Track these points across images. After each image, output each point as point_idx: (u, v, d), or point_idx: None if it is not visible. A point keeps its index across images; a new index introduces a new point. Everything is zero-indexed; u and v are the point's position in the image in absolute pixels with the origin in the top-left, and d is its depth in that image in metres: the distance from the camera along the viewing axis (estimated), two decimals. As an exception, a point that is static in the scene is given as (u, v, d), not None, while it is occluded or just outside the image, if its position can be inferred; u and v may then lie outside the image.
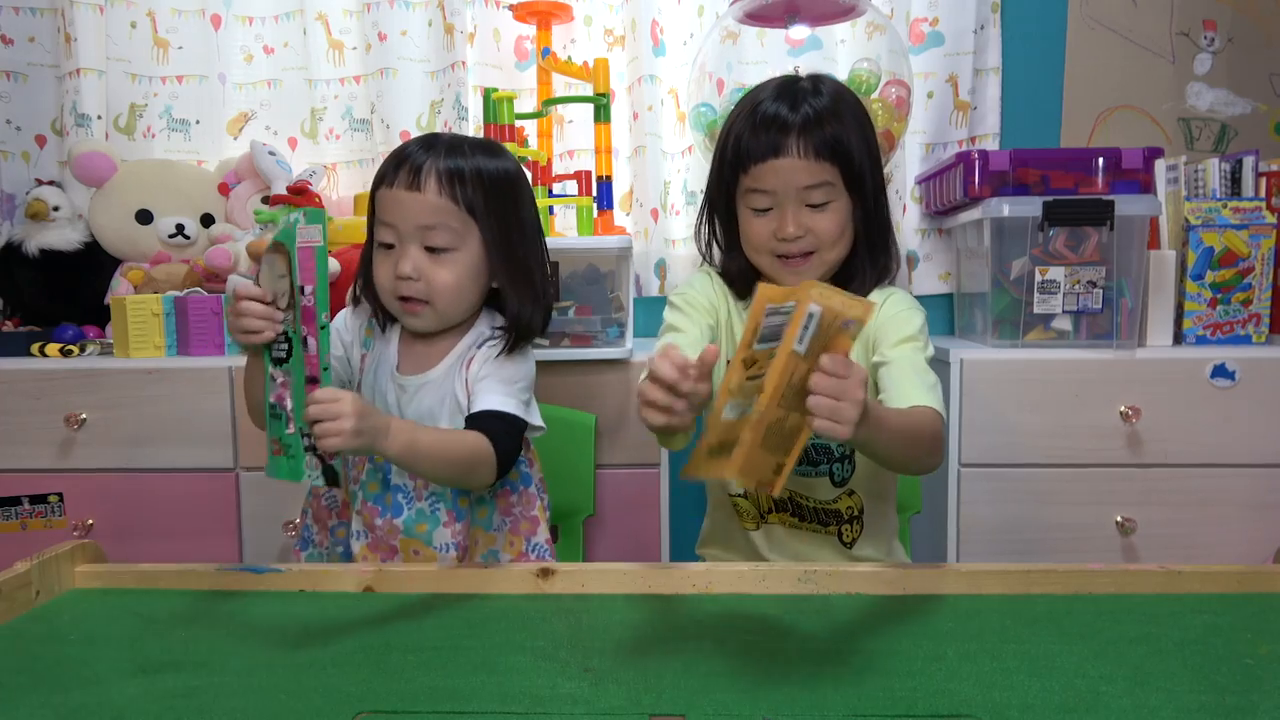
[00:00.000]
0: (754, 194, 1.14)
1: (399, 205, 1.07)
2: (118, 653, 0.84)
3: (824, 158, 1.10)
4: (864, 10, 1.80)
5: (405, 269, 1.07)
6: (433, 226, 1.07)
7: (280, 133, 2.11)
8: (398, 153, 1.10)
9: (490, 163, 1.11)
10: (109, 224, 1.92)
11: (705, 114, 1.84)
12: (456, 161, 1.08)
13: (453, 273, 1.09)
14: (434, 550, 1.13)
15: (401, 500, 1.14)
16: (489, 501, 1.18)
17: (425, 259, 1.08)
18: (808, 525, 1.23)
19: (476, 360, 1.13)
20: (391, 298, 1.11)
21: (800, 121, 1.10)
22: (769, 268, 1.18)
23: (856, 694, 0.73)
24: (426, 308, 1.10)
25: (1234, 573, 0.96)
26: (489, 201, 1.09)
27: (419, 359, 1.16)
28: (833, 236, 1.14)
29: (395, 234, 1.08)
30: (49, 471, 1.60)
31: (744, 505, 1.25)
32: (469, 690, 0.75)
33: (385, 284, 1.10)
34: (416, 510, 1.13)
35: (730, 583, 0.97)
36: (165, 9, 2.04)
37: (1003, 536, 1.56)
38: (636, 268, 2.00)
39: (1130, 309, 1.58)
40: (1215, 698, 0.72)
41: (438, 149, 1.09)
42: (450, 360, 1.14)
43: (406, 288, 1.08)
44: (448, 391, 1.13)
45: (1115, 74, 2.01)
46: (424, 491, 1.14)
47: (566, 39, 2.02)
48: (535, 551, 1.19)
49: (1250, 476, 1.53)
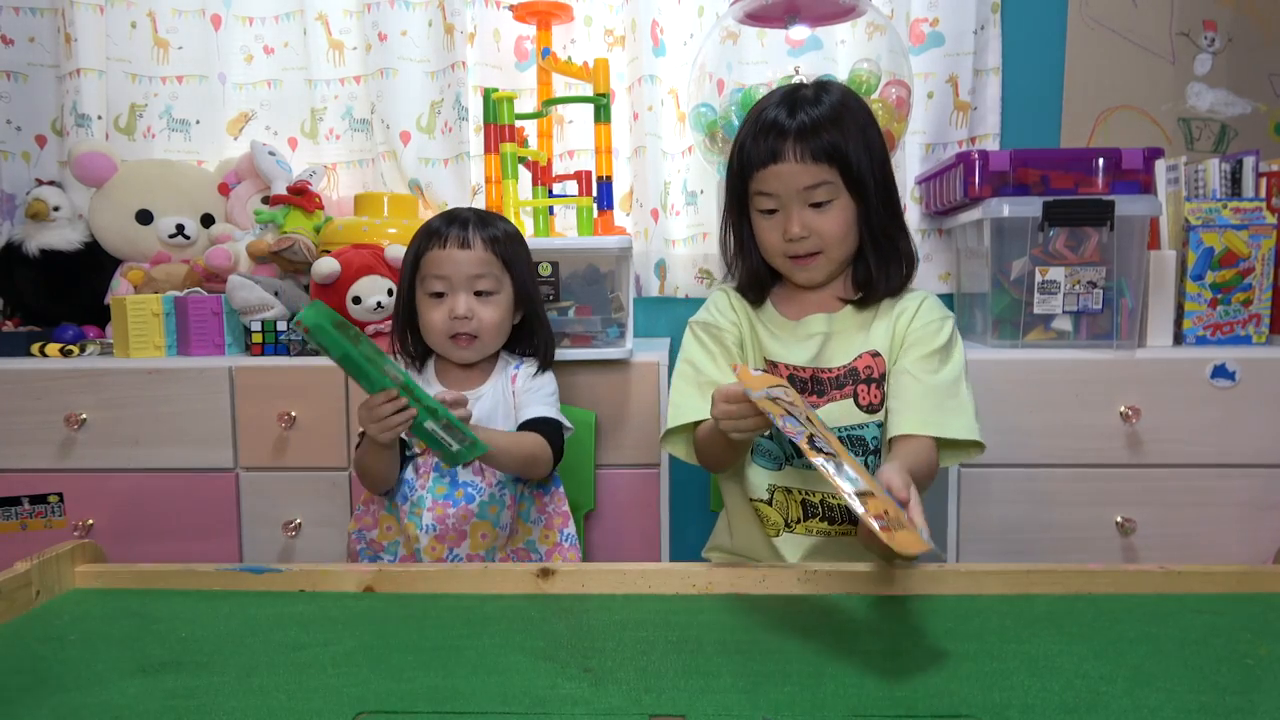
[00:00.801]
0: (760, 197, 1.19)
1: (452, 261, 1.30)
2: (118, 653, 0.84)
3: (820, 160, 1.14)
4: (864, 10, 1.80)
5: (460, 310, 1.30)
6: (482, 275, 1.31)
7: (280, 133, 2.11)
8: (435, 227, 1.33)
9: (507, 228, 1.36)
10: (109, 224, 1.93)
11: (705, 114, 1.84)
12: (491, 229, 1.33)
13: (496, 311, 1.33)
14: (498, 530, 1.32)
15: (473, 491, 1.32)
16: (529, 498, 1.37)
17: (475, 302, 1.31)
18: (838, 527, 1.22)
19: (520, 377, 1.38)
20: (444, 338, 1.32)
21: (796, 128, 1.14)
22: (783, 268, 1.23)
23: (856, 694, 0.73)
24: (475, 341, 1.33)
25: (1234, 573, 0.96)
26: (514, 254, 1.34)
27: (461, 380, 1.37)
28: (837, 236, 1.17)
29: (448, 284, 1.31)
30: (49, 471, 1.60)
31: (767, 512, 1.24)
32: (469, 690, 0.75)
33: (439, 325, 1.31)
34: (489, 494, 1.32)
35: (730, 583, 0.97)
36: (165, 9, 2.04)
37: (1003, 536, 1.56)
38: (636, 268, 2.00)
39: (1130, 309, 1.58)
40: (1215, 698, 0.72)
41: (472, 219, 1.33)
42: (493, 379, 1.38)
43: (461, 326, 1.31)
44: (499, 399, 1.36)
45: (1115, 74, 2.01)
46: (493, 480, 1.33)
47: (566, 39, 2.02)
48: (567, 540, 1.38)
49: (1250, 476, 1.53)
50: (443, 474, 1.32)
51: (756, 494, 1.23)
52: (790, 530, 1.22)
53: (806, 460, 0.86)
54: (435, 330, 1.32)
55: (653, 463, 1.61)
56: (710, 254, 2.04)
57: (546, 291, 1.54)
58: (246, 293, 1.69)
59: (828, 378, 1.20)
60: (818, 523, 1.22)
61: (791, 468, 1.22)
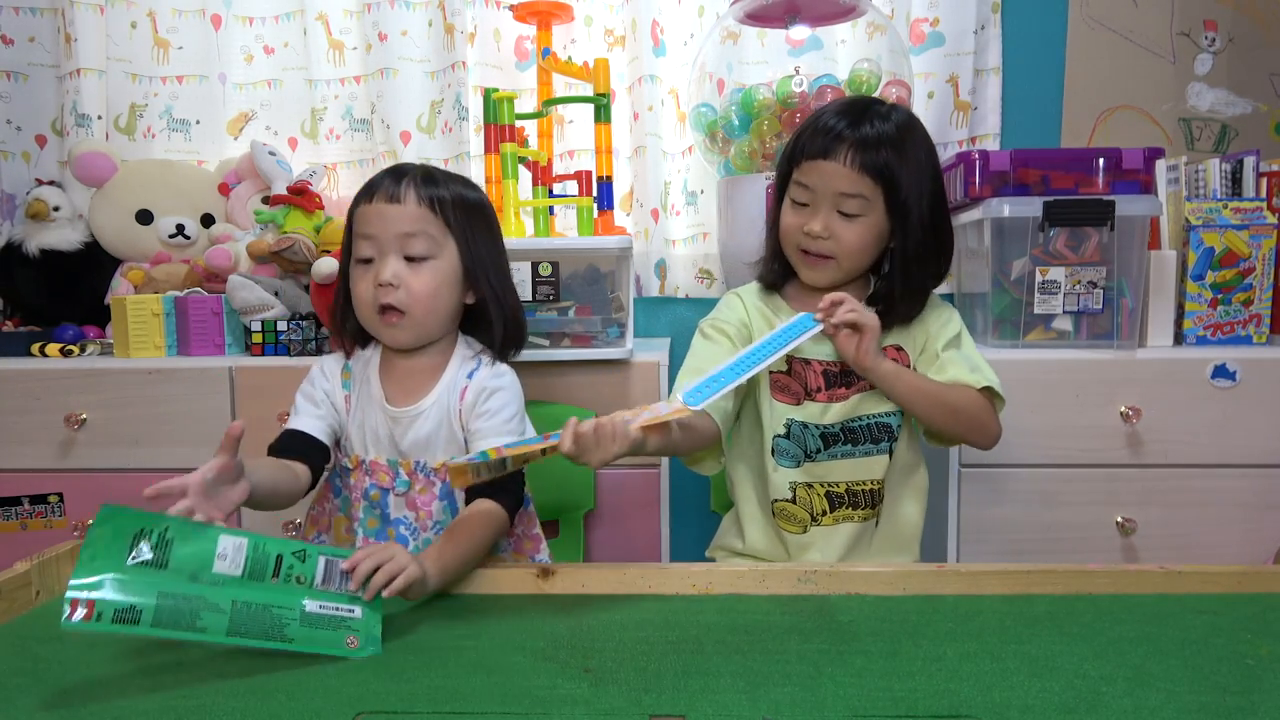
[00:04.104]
0: (797, 186, 1.20)
1: (380, 217, 1.11)
2: (118, 653, 0.84)
3: (867, 174, 1.15)
4: (864, 10, 1.80)
5: (385, 275, 1.10)
6: (412, 234, 1.11)
7: (280, 133, 2.11)
8: (372, 180, 1.15)
9: (464, 189, 1.17)
10: (109, 224, 1.93)
11: (705, 114, 1.84)
12: (434, 185, 1.14)
13: (431, 280, 1.12)
14: None
15: (405, 533, 1.17)
16: None
17: (404, 267, 1.11)
18: (863, 512, 1.23)
19: (470, 391, 1.16)
20: (371, 311, 1.13)
21: (857, 137, 1.15)
22: (792, 257, 1.24)
23: (856, 694, 0.73)
24: (404, 318, 1.13)
25: (1234, 573, 0.96)
26: (465, 219, 1.15)
27: (405, 391, 1.18)
28: (854, 248, 1.19)
29: (375, 245, 1.12)
30: (49, 471, 1.60)
31: (793, 510, 1.23)
32: (469, 690, 0.75)
33: (365, 296, 1.13)
34: (423, 540, 1.16)
35: (730, 583, 0.97)
36: (165, 9, 2.04)
37: (1003, 536, 1.56)
38: (637, 268, 2.00)
39: (1131, 309, 1.58)
40: (1215, 698, 0.72)
41: (413, 172, 1.14)
42: (441, 389, 1.17)
43: (386, 294, 1.11)
44: (442, 419, 1.16)
45: (1115, 74, 2.01)
46: (428, 523, 1.17)
47: (567, 39, 2.02)
48: None
49: (1250, 477, 1.53)
50: (373, 504, 1.18)
51: (779, 494, 1.23)
52: (818, 524, 1.23)
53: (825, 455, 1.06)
54: (362, 303, 1.13)
55: (653, 463, 1.61)
56: (710, 254, 2.04)
57: (546, 291, 1.53)
58: (247, 293, 1.69)
59: None
60: (845, 510, 1.23)
61: (811, 463, 1.22)
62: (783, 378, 1.23)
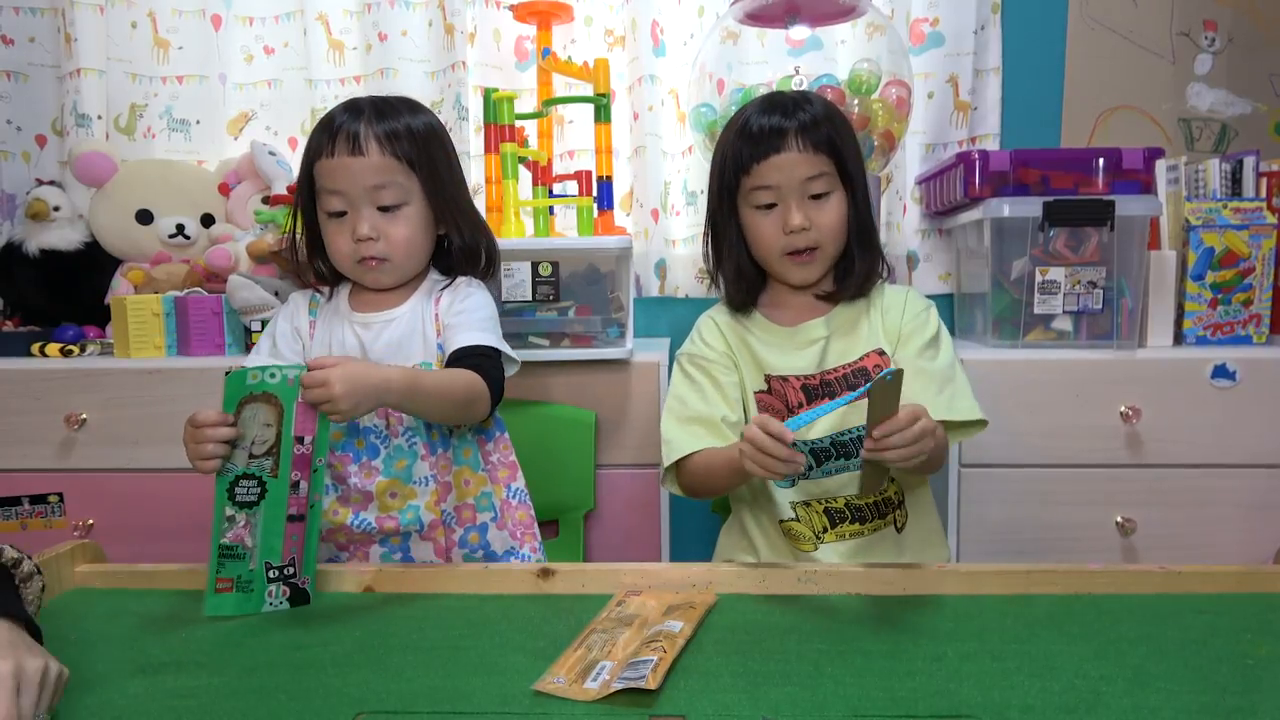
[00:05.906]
0: (758, 191, 1.20)
1: (345, 171, 1.11)
2: (118, 653, 0.84)
3: (821, 151, 1.18)
4: (864, 10, 1.80)
5: (364, 230, 1.12)
6: (382, 186, 1.12)
7: (280, 133, 2.11)
8: (326, 123, 1.13)
9: (417, 119, 1.16)
10: (109, 224, 1.92)
11: (705, 114, 1.84)
12: (390, 122, 1.13)
13: (407, 227, 1.14)
14: (412, 487, 1.14)
15: (375, 441, 1.14)
16: (471, 442, 1.20)
17: (380, 218, 1.13)
18: (869, 525, 1.22)
19: (446, 297, 1.18)
20: (351, 263, 1.15)
21: (797, 124, 1.18)
22: (779, 267, 1.23)
23: (856, 694, 0.73)
24: (386, 264, 1.15)
25: (1234, 573, 0.96)
26: (423, 154, 1.15)
27: (376, 301, 1.19)
28: (835, 229, 1.20)
29: (345, 200, 1.12)
30: (49, 471, 1.60)
31: (799, 529, 1.23)
32: (469, 690, 0.75)
33: (344, 250, 1.14)
34: (394, 447, 1.15)
35: (730, 583, 0.97)
36: (165, 9, 2.04)
37: (1003, 536, 1.56)
38: (636, 268, 2.00)
39: (1130, 309, 1.58)
40: (1215, 698, 0.72)
41: (367, 113, 1.13)
42: (415, 299, 1.19)
43: (367, 248, 1.13)
44: (415, 326, 1.17)
45: (1115, 74, 2.01)
46: (399, 428, 1.15)
47: (567, 39, 2.02)
48: (515, 497, 1.23)
49: (1250, 477, 1.53)
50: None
51: (784, 514, 1.23)
52: (822, 541, 1.22)
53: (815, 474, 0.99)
54: (342, 256, 1.15)
55: (653, 463, 1.61)
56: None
57: (546, 291, 1.53)
58: (247, 293, 1.69)
59: (835, 378, 1.21)
60: (847, 525, 1.22)
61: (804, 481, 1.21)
62: (765, 397, 1.23)
